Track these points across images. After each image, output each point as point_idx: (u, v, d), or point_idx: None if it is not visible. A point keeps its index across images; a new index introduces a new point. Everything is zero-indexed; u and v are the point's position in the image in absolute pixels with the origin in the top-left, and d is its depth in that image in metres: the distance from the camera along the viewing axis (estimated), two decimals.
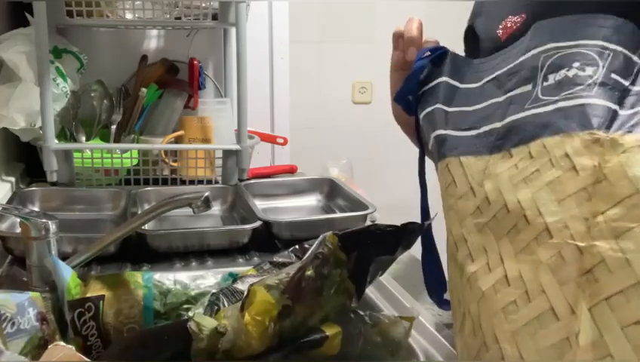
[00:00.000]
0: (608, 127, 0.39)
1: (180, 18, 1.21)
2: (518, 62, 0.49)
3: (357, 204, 1.04)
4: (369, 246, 0.59)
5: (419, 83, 0.58)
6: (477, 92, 0.52)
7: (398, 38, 0.62)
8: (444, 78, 0.56)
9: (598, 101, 0.41)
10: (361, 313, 0.61)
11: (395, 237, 0.60)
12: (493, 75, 0.52)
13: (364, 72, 2.12)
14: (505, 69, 0.51)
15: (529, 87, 0.46)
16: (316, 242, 0.57)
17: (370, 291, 0.76)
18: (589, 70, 0.43)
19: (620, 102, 0.40)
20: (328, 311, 0.57)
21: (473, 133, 0.49)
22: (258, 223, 0.92)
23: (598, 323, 0.33)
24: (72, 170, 1.13)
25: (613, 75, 0.42)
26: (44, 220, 0.68)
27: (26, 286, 0.69)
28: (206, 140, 1.18)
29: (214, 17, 1.21)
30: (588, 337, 0.33)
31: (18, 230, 0.73)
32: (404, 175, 2.18)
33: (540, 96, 0.44)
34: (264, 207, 1.09)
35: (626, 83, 0.41)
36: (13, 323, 0.57)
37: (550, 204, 0.39)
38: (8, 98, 1.06)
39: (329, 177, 1.23)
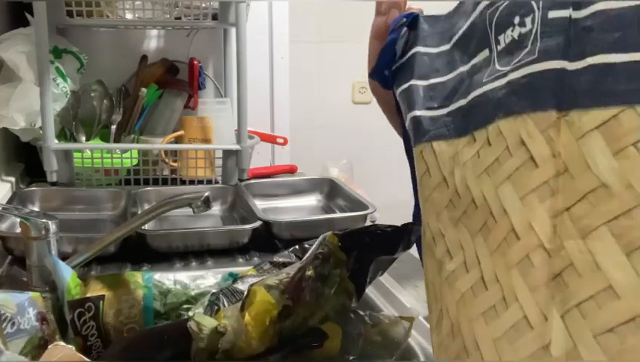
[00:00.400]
0: (562, 101, 0.34)
1: (180, 18, 1.21)
2: (471, 20, 0.44)
3: (357, 204, 1.04)
4: (369, 246, 0.59)
5: (395, 55, 0.52)
6: (448, 56, 0.47)
7: (381, 2, 0.55)
8: (417, 48, 0.50)
9: (542, 65, 0.35)
10: (361, 313, 0.61)
11: (395, 237, 0.60)
12: (460, 33, 0.46)
13: (364, 72, 2.12)
14: (465, 27, 0.45)
15: (487, 52, 0.41)
16: (316, 242, 0.57)
17: (370, 291, 0.76)
18: (528, 22, 0.37)
19: (568, 49, 0.34)
20: (328, 311, 0.57)
21: (444, 111, 0.44)
22: (258, 223, 0.92)
23: (571, 332, 0.30)
24: (72, 170, 1.13)
25: (552, 14, 0.36)
26: (44, 220, 0.68)
27: (26, 286, 0.69)
28: (206, 140, 1.18)
29: (214, 17, 1.21)
30: (561, 347, 0.31)
31: (18, 230, 0.73)
32: (404, 175, 2.18)
33: (497, 66, 0.39)
34: (264, 207, 1.09)
35: (567, 12, 0.35)
36: (13, 323, 0.57)
37: (513, 201, 0.35)
38: (8, 98, 1.06)
39: (329, 177, 1.23)
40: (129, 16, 1.20)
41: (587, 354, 0.29)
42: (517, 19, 0.38)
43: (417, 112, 0.46)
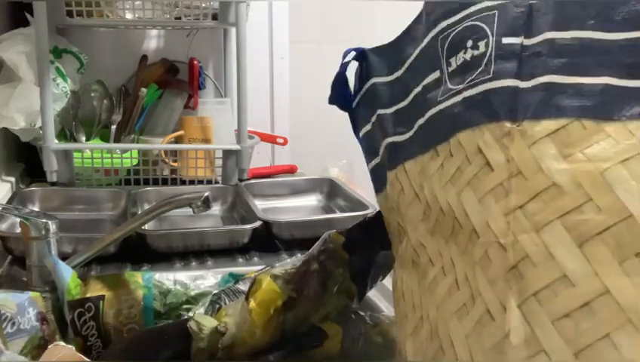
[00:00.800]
0: (515, 114, 0.37)
1: (180, 18, 1.21)
2: (421, 47, 0.48)
3: (357, 204, 1.04)
4: (371, 243, 0.59)
5: (346, 84, 0.58)
6: (403, 82, 0.51)
7: None
8: (373, 80, 0.55)
9: (497, 83, 0.39)
10: (362, 313, 0.61)
11: None
12: (411, 59, 0.50)
13: None
14: (416, 53, 0.49)
15: (437, 73, 0.45)
16: (321, 239, 0.57)
17: (371, 291, 0.76)
18: (482, 46, 0.41)
19: (520, 71, 0.39)
20: (330, 311, 0.57)
21: (410, 133, 0.48)
22: (258, 223, 0.92)
23: (529, 320, 0.33)
24: (72, 170, 1.13)
25: (505, 40, 0.40)
26: (44, 220, 0.68)
27: (26, 286, 0.69)
28: (206, 140, 1.18)
29: (214, 17, 1.21)
30: (520, 334, 0.33)
31: (18, 230, 0.73)
32: None
33: (449, 86, 0.43)
34: (264, 207, 1.09)
35: (519, 40, 0.39)
36: (13, 323, 0.57)
37: (473, 204, 0.38)
38: (8, 98, 1.06)
39: (329, 177, 1.23)
40: (129, 16, 1.20)
41: (545, 338, 0.32)
42: (470, 43, 0.42)
43: (390, 139, 0.51)
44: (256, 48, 1.50)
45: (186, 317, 0.65)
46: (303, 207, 1.16)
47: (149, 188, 1.11)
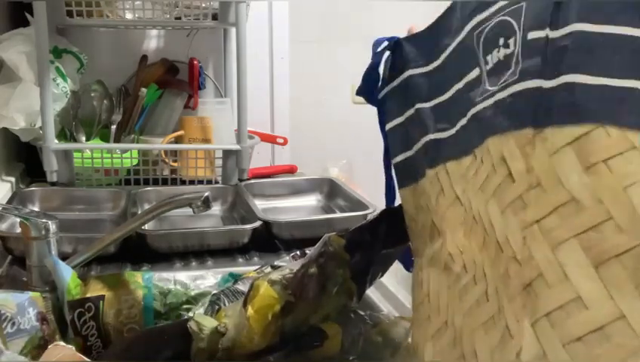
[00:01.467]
0: (539, 119, 0.35)
1: (180, 18, 1.21)
2: (459, 39, 0.45)
3: (357, 204, 1.04)
4: (371, 243, 0.59)
5: (378, 78, 0.55)
6: (441, 74, 0.48)
7: None
8: (409, 72, 0.51)
9: (523, 85, 0.37)
10: (362, 313, 0.61)
11: (395, 227, 0.60)
12: (449, 51, 0.47)
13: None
14: (453, 45, 0.46)
15: (477, 70, 0.43)
16: (320, 241, 0.57)
17: (371, 291, 0.76)
18: (511, 44, 0.38)
19: (545, 68, 0.36)
20: (329, 311, 0.57)
21: (453, 131, 0.46)
22: (258, 223, 0.92)
23: (541, 340, 0.31)
24: (72, 170, 1.13)
25: (531, 35, 0.37)
26: (44, 220, 0.68)
27: (26, 286, 0.69)
28: (206, 140, 1.18)
29: (214, 17, 1.21)
30: (531, 354, 0.31)
31: (18, 230, 0.73)
32: None
33: (487, 86, 0.41)
34: (264, 207, 1.09)
35: (544, 32, 0.36)
36: (13, 323, 0.57)
37: (497, 216, 0.37)
38: (8, 98, 1.06)
39: (329, 177, 1.23)
40: (129, 16, 1.20)
41: (556, 361, 0.30)
42: (501, 41, 0.40)
43: (431, 136, 0.48)
44: (256, 48, 1.50)
45: (186, 317, 0.65)
46: (303, 207, 1.16)
47: (149, 188, 1.11)
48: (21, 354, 0.56)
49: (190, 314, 0.66)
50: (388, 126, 0.55)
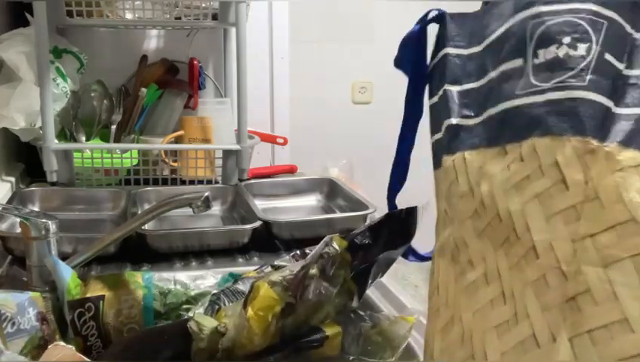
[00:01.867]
0: (603, 133, 0.35)
1: (180, 18, 1.21)
2: (507, 26, 0.44)
3: (357, 204, 1.04)
4: (372, 245, 0.59)
5: (420, 47, 0.52)
6: (480, 60, 0.46)
7: None
8: (447, 49, 0.49)
9: (591, 95, 0.36)
10: (362, 313, 0.61)
11: (396, 228, 0.60)
12: (494, 37, 0.46)
13: (364, 72, 2.12)
14: (500, 32, 0.45)
15: (520, 61, 0.41)
16: (321, 242, 0.57)
17: (371, 291, 0.76)
18: (582, 48, 0.38)
19: (615, 95, 0.36)
20: (330, 311, 0.57)
21: (478, 120, 0.44)
22: (258, 223, 0.92)
23: (578, 356, 0.31)
24: (72, 170, 1.13)
25: (608, 56, 0.37)
26: (44, 220, 0.68)
27: (26, 286, 0.69)
28: (206, 140, 1.18)
29: (214, 17, 1.21)
30: None
31: (18, 230, 0.73)
32: None
33: (532, 80, 0.40)
34: (264, 207, 1.09)
35: (621, 66, 0.37)
36: (13, 323, 0.57)
37: (538, 220, 0.35)
38: (8, 98, 1.06)
39: (329, 177, 1.23)
40: (129, 16, 1.20)
41: None
42: (567, 40, 0.38)
43: (454, 120, 0.46)
44: (256, 48, 1.50)
45: (186, 317, 0.65)
46: (302, 207, 1.16)
47: (149, 188, 1.11)
48: (21, 354, 0.56)
49: (190, 314, 0.66)
50: (429, 103, 0.52)
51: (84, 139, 1.20)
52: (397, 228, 0.60)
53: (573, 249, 0.33)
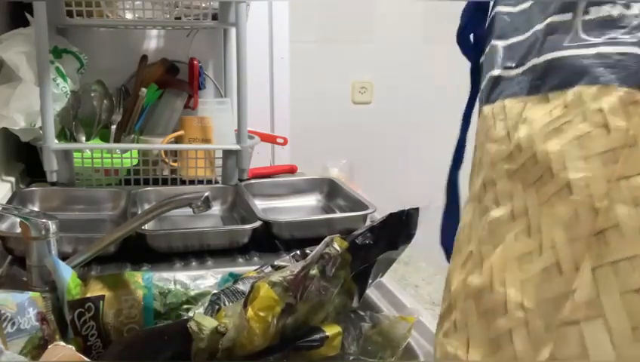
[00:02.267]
0: None
1: (180, 18, 1.21)
2: None
3: (357, 204, 1.04)
4: (372, 246, 0.59)
5: (480, 14, 0.55)
6: (526, 15, 0.49)
7: None
8: (498, 8, 0.52)
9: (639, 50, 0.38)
10: (362, 313, 0.61)
11: (396, 229, 0.60)
12: None
13: (364, 72, 2.12)
14: None
15: (568, 15, 0.43)
16: (322, 243, 0.57)
17: (371, 291, 0.76)
18: (636, 8, 0.40)
19: None
20: (330, 311, 0.57)
21: (519, 70, 0.46)
22: (258, 223, 0.92)
23: (598, 285, 0.33)
24: (72, 170, 1.13)
25: None
26: (44, 220, 0.68)
27: (26, 286, 0.69)
28: (206, 140, 1.18)
29: (214, 17, 1.21)
30: (585, 295, 0.33)
31: (18, 230, 0.73)
32: (404, 175, 2.18)
33: (581, 35, 0.42)
34: (264, 207, 1.09)
35: None
36: (13, 323, 0.57)
37: (576, 160, 0.38)
38: (8, 98, 1.06)
39: (329, 177, 1.23)
40: (129, 16, 1.20)
41: (608, 306, 0.32)
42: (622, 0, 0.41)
43: (496, 72, 0.49)
44: (256, 48, 1.50)
45: (185, 317, 0.65)
46: (303, 207, 1.16)
47: (149, 188, 1.11)
48: (21, 354, 0.56)
49: (190, 314, 0.66)
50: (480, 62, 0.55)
51: (84, 139, 1.20)
52: (398, 228, 0.60)
53: (607, 188, 0.35)
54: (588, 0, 0.43)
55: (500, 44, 0.50)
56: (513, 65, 0.47)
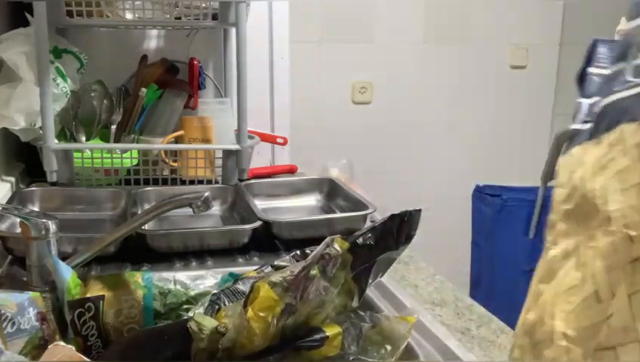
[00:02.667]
0: None
1: (180, 18, 1.21)
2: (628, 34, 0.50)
3: (357, 204, 1.04)
4: (373, 246, 0.59)
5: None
6: (607, 78, 0.53)
7: None
8: (589, 69, 0.57)
9: None
10: (362, 313, 0.61)
11: (396, 229, 0.60)
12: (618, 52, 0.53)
13: (364, 72, 2.13)
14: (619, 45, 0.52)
15: (623, 64, 0.47)
16: (323, 243, 0.57)
17: (371, 291, 0.76)
18: None
19: None
20: (330, 311, 0.57)
21: (589, 125, 0.50)
22: (258, 223, 0.92)
23: (634, 310, 0.35)
24: (72, 170, 1.13)
25: None
26: (44, 220, 0.68)
27: (26, 286, 0.69)
28: (206, 140, 1.18)
29: (214, 17, 1.21)
30: (621, 321, 0.35)
31: (18, 230, 0.73)
32: (404, 175, 2.18)
33: (628, 78, 0.45)
34: (264, 207, 1.09)
35: None
36: (13, 323, 0.57)
37: (615, 193, 0.40)
38: (8, 98, 1.06)
39: (329, 177, 1.23)
40: (129, 16, 1.20)
41: None
42: None
43: (576, 126, 0.54)
44: (256, 48, 1.50)
45: (185, 317, 0.65)
46: (302, 207, 1.16)
47: (149, 188, 1.11)
48: (21, 354, 0.56)
49: (190, 314, 0.66)
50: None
51: (84, 139, 1.20)
52: (399, 229, 0.60)
53: None
54: (637, 47, 0.46)
55: (584, 101, 0.55)
56: (589, 119, 0.51)
